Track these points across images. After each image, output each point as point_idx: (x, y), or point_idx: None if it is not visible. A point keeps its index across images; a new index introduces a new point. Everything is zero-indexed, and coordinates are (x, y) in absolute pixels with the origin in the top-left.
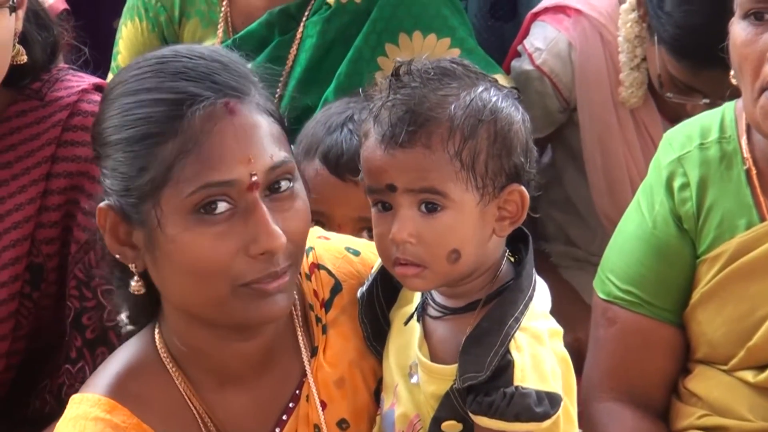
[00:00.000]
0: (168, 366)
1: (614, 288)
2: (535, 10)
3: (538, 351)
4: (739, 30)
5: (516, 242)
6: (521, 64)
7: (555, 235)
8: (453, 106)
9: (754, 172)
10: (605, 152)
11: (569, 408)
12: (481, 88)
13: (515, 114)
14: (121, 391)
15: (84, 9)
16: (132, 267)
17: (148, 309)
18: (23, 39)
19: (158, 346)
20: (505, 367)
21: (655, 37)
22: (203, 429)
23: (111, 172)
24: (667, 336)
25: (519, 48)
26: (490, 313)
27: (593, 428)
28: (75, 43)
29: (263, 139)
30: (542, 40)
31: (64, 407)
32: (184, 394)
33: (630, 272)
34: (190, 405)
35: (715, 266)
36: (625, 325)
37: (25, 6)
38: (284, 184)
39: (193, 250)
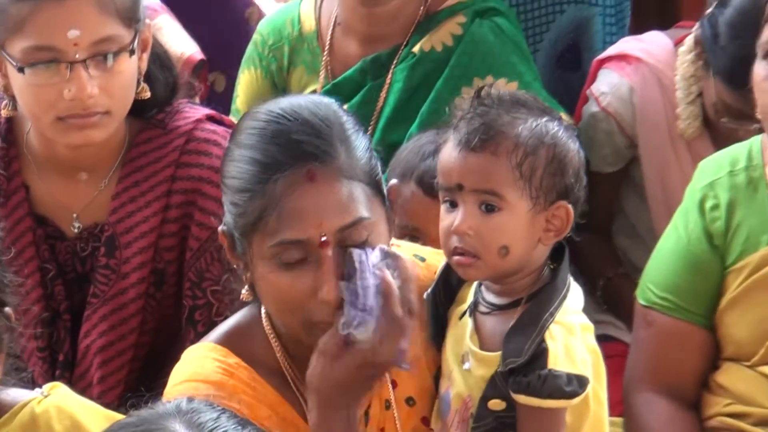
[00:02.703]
0: (270, 336)
1: (653, 295)
2: (600, 57)
3: (570, 341)
4: (759, 69)
5: (556, 253)
6: (590, 107)
7: (624, 258)
8: (521, 127)
9: None
10: (665, 183)
11: (599, 392)
12: (546, 118)
13: (572, 144)
14: (231, 343)
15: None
16: (244, 278)
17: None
18: (148, 77)
19: (263, 319)
20: (541, 353)
21: (711, 71)
22: (296, 392)
23: (226, 204)
24: (699, 337)
25: (588, 92)
26: (530, 309)
27: (633, 416)
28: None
29: (339, 201)
30: (607, 85)
31: None
32: (281, 360)
33: (667, 282)
34: (286, 370)
35: (741, 276)
36: (661, 327)
37: (149, 49)
38: (358, 238)
39: (275, 289)
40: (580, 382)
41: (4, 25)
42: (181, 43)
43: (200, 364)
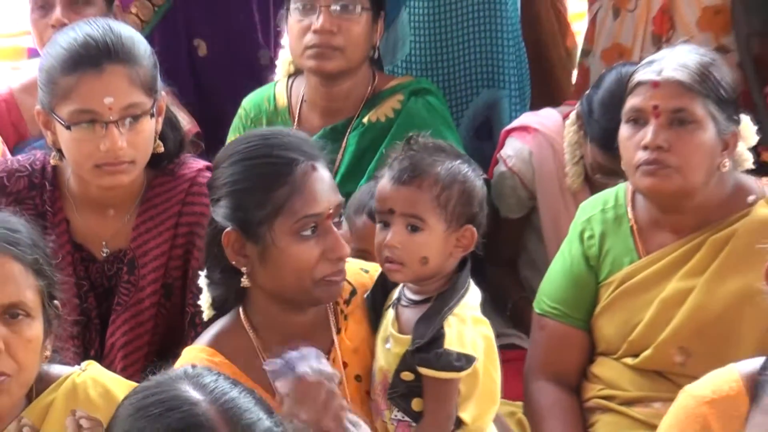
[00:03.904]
0: (249, 332)
1: (545, 305)
2: (506, 128)
3: (462, 328)
4: (623, 131)
5: (461, 263)
6: (499, 168)
7: (527, 285)
8: (440, 167)
9: (635, 228)
10: (557, 227)
11: (491, 371)
12: (459, 161)
13: (478, 182)
14: (217, 344)
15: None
16: (243, 269)
17: (231, 302)
18: (161, 136)
19: (242, 319)
20: (439, 336)
21: (588, 139)
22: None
23: (232, 210)
24: (579, 337)
25: (498, 156)
26: (435, 304)
27: (530, 399)
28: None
29: (333, 186)
30: (512, 150)
31: None
32: (257, 350)
33: (555, 295)
34: (261, 358)
35: (609, 289)
36: (551, 330)
37: (164, 114)
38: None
39: (296, 256)
40: (468, 360)
41: (54, 93)
42: (183, 119)
43: (193, 363)
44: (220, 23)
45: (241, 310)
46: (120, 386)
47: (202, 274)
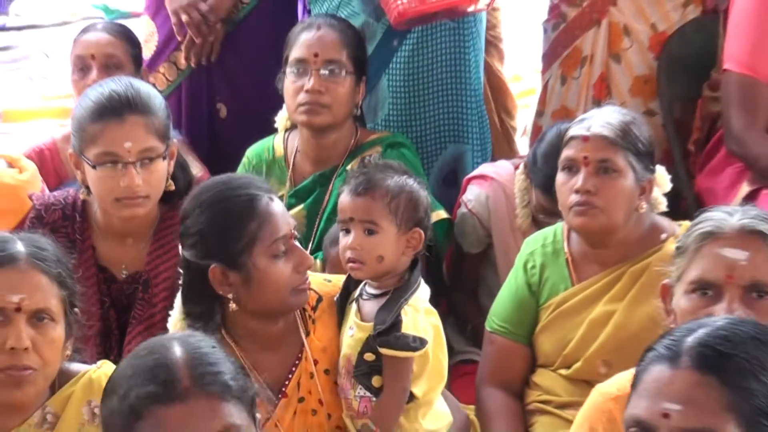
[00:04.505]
0: (231, 345)
1: (494, 324)
2: (468, 176)
3: (416, 316)
4: (559, 178)
5: (413, 264)
6: (462, 210)
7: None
8: (389, 181)
9: (570, 260)
10: (509, 260)
11: (439, 354)
12: (406, 176)
13: (422, 192)
14: None
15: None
16: (229, 296)
17: (210, 323)
18: (173, 176)
19: (225, 335)
20: (398, 322)
21: (533, 185)
22: (253, 377)
23: (212, 248)
24: (522, 351)
25: (461, 200)
26: (392, 296)
27: (480, 404)
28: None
29: (285, 211)
30: (472, 195)
31: None
32: (241, 357)
33: (503, 315)
34: (244, 363)
35: (548, 312)
36: (499, 345)
37: (175, 158)
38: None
39: (275, 274)
40: (422, 342)
41: (83, 139)
42: (195, 166)
43: None
44: (239, 90)
45: (222, 329)
46: None
47: (173, 312)
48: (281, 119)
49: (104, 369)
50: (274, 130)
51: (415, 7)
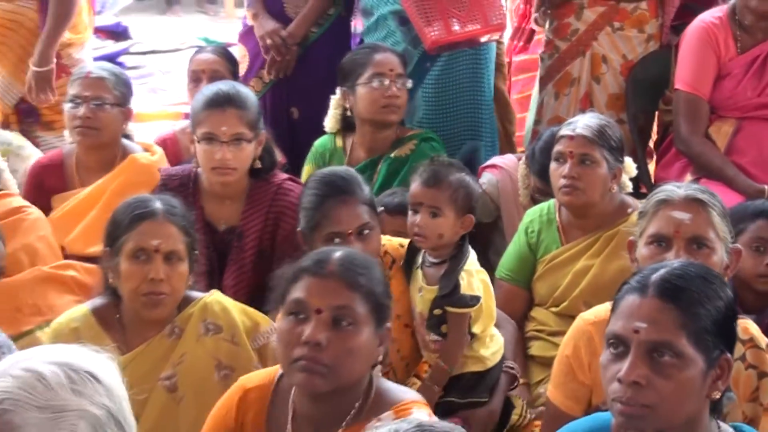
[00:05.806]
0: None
1: (502, 272)
2: (482, 166)
3: (470, 279)
4: (551, 166)
5: (462, 237)
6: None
7: (494, 265)
8: (452, 176)
9: (560, 227)
10: (513, 228)
11: (489, 302)
12: (464, 173)
13: (476, 187)
14: None
15: (291, 160)
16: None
17: None
18: (260, 158)
19: None
20: (457, 285)
21: (531, 172)
22: None
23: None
24: (523, 294)
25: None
26: (451, 265)
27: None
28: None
29: (357, 213)
30: (486, 180)
31: None
32: None
33: (509, 265)
34: None
35: (543, 265)
36: (506, 289)
37: (263, 145)
38: (365, 230)
39: None
40: (477, 299)
41: (195, 122)
42: (277, 153)
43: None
44: (308, 97)
45: None
46: (232, 305)
47: None
48: (329, 118)
49: (215, 296)
50: None
51: (444, 38)
